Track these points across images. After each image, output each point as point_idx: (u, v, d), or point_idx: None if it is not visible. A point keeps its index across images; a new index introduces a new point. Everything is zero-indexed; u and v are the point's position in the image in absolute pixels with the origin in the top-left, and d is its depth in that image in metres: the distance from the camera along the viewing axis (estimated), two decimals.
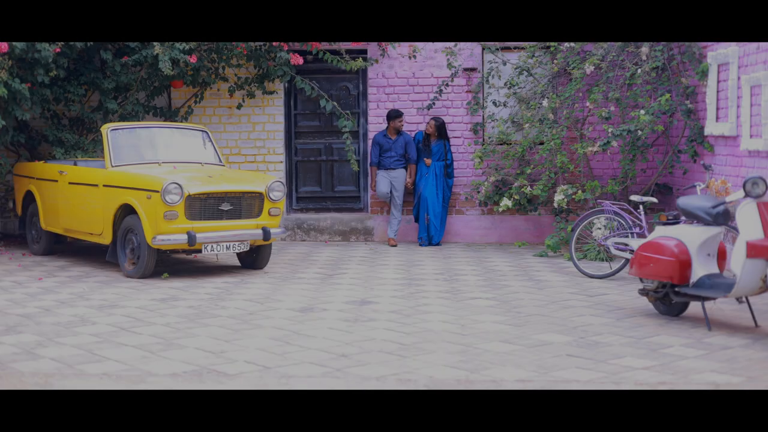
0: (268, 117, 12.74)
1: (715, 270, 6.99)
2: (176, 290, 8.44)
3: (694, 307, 7.43)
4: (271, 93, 12.46)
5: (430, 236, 12.10)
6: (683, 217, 7.33)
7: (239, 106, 12.46)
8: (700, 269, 6.93)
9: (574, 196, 11.05)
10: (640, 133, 10.53)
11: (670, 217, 7.35)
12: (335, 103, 12.02)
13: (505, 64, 12.23)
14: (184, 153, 10.22)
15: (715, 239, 6.97)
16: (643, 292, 7.31)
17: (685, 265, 6.92)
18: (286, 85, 12.71)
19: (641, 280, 7.33)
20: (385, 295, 8.22)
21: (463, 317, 7.24)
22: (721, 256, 7.09)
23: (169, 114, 12.25)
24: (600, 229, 10.02)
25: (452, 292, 8.42)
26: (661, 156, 11.84)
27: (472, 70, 12.49)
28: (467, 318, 7.21)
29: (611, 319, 7.21)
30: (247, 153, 12.75)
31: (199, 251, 9.16)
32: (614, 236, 9.28)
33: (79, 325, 6.83)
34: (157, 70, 11.25)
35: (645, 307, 7.65)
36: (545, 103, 11.37)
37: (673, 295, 7.04)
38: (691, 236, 6.96)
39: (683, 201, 7.10)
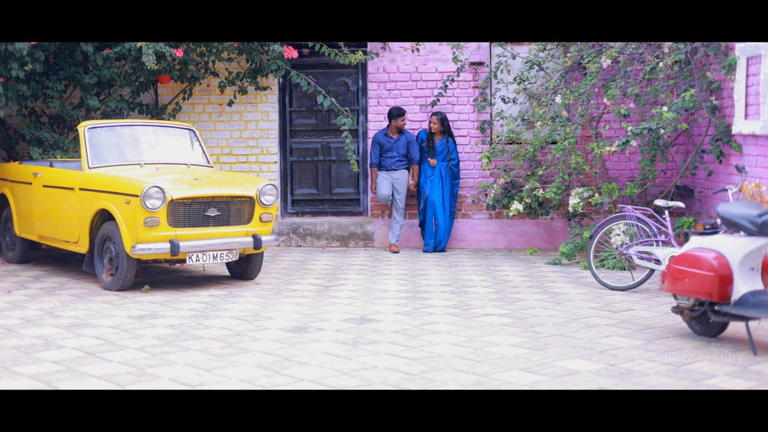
0: (262, 114, 11.95)
1: (760, 286, 6.20)
2: (156, 305, 7.64)
3: (733, 326, 6.65)
4: (265, 89, 11.68)
5: (438, 242, 11.32)
6: (722, 226, 6.54)
7: (230, 103, 11.68)
8: (743, 285, 6.14)
9: (590, 200, 10.25)
10: (662, 131, 9.73)
11: (707, 226, 6.55)
12: (333, 100, 11.22)
13: (514, 57, 11.44)
14: (169, 153, 9.42)
15: (759, 252, 6.18)
16: (677, 310, 6.52)
17: (725, 280, 6.14)
18: (281, 80, 11.93)
19: (675, 296, 6.53)
20: (388, 312, 7.43)
21: (475, 338, 6.45)
22: (765, 271, 6.31)
23: (155, 111, 11.47)
24: (619, 235, 9.23)
25: (461, 308, 7.63)
26: (682, 156, 11.05)
27: (480, 64, 11.70)
28: (480, 340, 6.41)
29: (641, 341, 6.41)
30: (239, 153, 11.96)
31: (183, 261, 8.36)
32: (637, 244, 8.49)
33: (41, 350, 6.03)
34: (142, 65, 10.47)
35: (677, 325, 6.87)
36: (558, 99, 10.58)
37: (711, 314, 6.26)
38: (732, 248, 6.18)
39: (724, 208, 6.31)
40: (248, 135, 11.96)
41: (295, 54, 10.97)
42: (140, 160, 9.08)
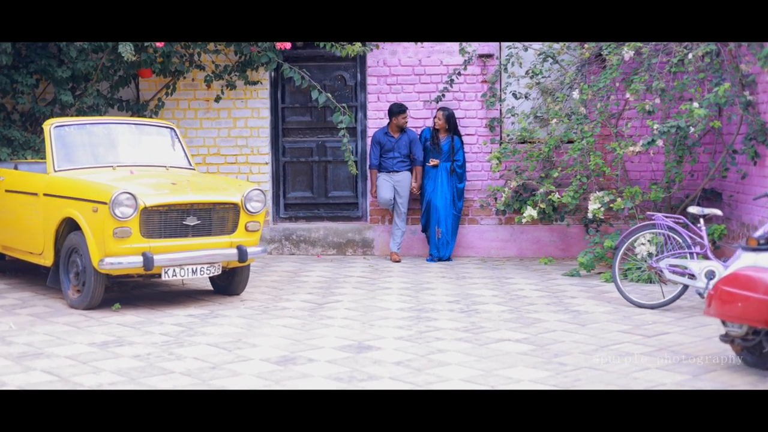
0: (252, 111, 11.04)
1: None
2: (125, 328, 6.72)
3: None
4: (255, 83, 10.77)
5: (440, 253, 10.40)
6: None
7: (218, 99, 10.76)
8: None
9: (611, 205, 9.33)
10: (692, 129, 8.81)
11: (761, 241, 5.63)
12: (329, 95, 10.29)
13: (526, 49, 10.50)
14: (146, 154, 8.49)
15: None
16: (726, 338, 5.60)
17: None
18: (273, 74, 11.02)
19: (723, 323, 5.61)
20: (389, 336, 6.50)
21: (490, 372, 5.53)
22: None
23: (136, 108, 10.57)
24: (644, 245, 8.29)
25: (472, 331, 6.70)
26: (710, 156, 10.11)
27: (488, 56, 10.78)
28: (496, 374, 5.49)
29: (686, 375, 5.50)
30: (227, 153, 11.04)
31: (158, 276, 7.44)
32: (669, 256, 7.57)
33: None
34: (120, 57, 9.56)
35: (723, 354, 5.96)
36: (575, 94, 9.65)
37: None
38: None
39: None
40: (237, 134, 11.04)
41: (287, 45, 10.05)
42: (113, 162, 8.16)
